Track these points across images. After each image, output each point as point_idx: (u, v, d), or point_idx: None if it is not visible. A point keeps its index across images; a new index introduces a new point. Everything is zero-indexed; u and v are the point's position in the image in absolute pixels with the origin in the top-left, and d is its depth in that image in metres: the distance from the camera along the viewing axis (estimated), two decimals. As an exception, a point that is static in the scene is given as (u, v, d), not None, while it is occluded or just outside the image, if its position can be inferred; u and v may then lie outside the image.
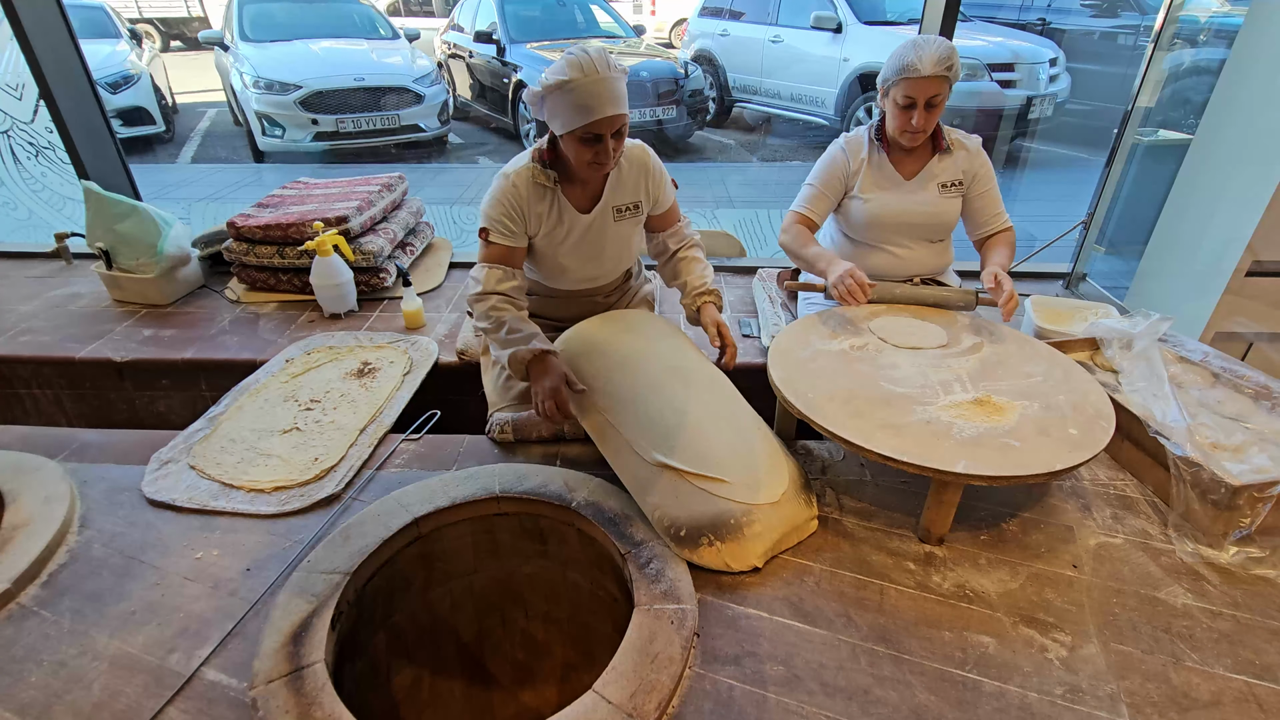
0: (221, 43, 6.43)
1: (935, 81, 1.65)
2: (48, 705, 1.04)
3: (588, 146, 1.41)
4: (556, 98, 1.36)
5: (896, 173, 1.86)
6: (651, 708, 1.01)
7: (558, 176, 1.53)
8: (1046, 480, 1.32)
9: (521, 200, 1.51)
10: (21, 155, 3.09)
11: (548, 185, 1.52)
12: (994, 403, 1.38)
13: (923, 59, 1.63)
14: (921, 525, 1.36)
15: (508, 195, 1.51)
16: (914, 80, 1.66)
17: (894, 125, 1.77)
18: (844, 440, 1.28)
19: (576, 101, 1.34)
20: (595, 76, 1.33)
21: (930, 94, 1.67)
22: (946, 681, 1.08)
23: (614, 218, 1.61)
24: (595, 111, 1.35)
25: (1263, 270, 2.01)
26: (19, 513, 1.38)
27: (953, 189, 1.85)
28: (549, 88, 1.37)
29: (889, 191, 1.86)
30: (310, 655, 1.09)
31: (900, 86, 1.69)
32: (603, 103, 1.35)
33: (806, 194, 1.91)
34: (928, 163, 1.85)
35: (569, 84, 1.33)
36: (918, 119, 1.70)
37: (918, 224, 1.88)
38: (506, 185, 1.51)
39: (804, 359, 1.55)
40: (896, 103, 1.72)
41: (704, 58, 7.54)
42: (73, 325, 2.26)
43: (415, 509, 1.39)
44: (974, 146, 1.86)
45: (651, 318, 1.72)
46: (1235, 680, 1.08)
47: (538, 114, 1.44)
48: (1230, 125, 2.09)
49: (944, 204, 1.86)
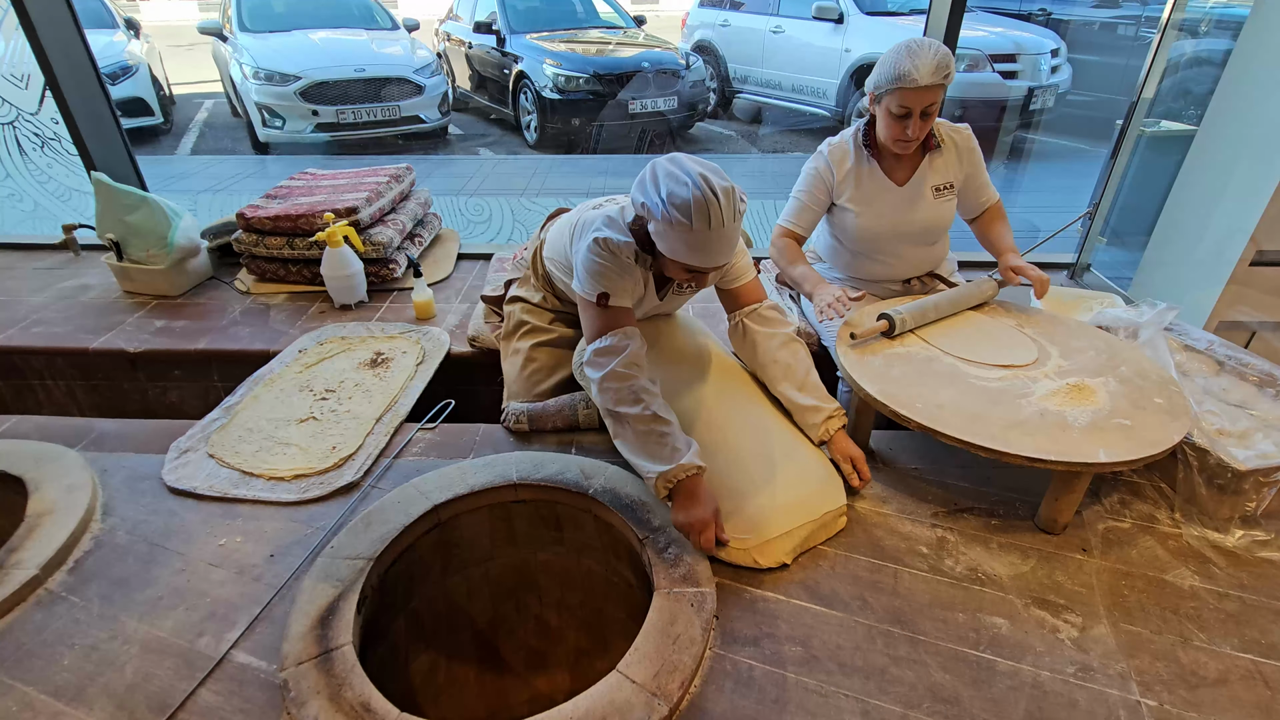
0: (219, 33, 6.39)
1: (932, 90, 1.57)
2: (82, 687, 1.06)
3: (687, 273, 1.33)
4: (671, 230, 1.23)
5: (888, 179, 1.79)
6: (674, 687, 1.03)
7: (652, 260, 1.41)
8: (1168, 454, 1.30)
9: (625, 271, 1.38)
10: (27, 146, 3.08)
11: (644, 268, 1.43)
12: (1087, 386, 1.41)
13: (919, 67, 1.54)
14: (1044, 517, 1.36)
15: (616, 260, 1.37)
16: (910, 90, 1.57)
17: (886, 134, 1.69)
18: (981, 448, 1.26)
19: (693, 246, 1.23)
20: (720, 231, 1.21)
21: (927, 103, 1.59)
22: (961, 661, 1.10)
23: (675, 290, 1.58)
24: (709, 261, 1.27)
25: (1266, 260, 2.03)
26: (42, 501, 1.40)
27: (946, 192, 1.80)
28: (668, 221, 1.22)
29: (880, 202, 1.80)
30: (338, 638, 1.11)
31: (895, 96, 1.60)
32: (719, 254, 1.26)
33: (792, 207, 1.87)
34: (919, 165, 1.79)
35: (691, 232, 1.21)
36: (913, 128, 1.63)
37: (913, 232, 1.84)
38: (615, 252, 1.36)
39: (881, 368, 1.51)
40: (890, 112, 1.63)
41: (704, 48, 7.52)
42: (84, 316, 2.27)
43: (435, 496, 1.41)
44: (963, 139, 1.80)
45: (679, 320, 1.73)
46: (1242, 659, 1.11)
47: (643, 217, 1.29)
48: (1235, 116, 2.11)
49: (938, 208, 1.81)
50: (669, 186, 1.21)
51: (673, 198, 1.20)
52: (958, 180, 1.81)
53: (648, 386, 1.33)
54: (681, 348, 1.64)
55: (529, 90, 6.19)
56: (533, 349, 1.75)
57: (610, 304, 1.37)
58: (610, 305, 1.37)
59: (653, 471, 1.27)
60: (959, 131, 1.81)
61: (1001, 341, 1.60)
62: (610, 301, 1.37)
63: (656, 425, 1.29)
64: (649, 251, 1.37)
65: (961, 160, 1.81)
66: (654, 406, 1.31)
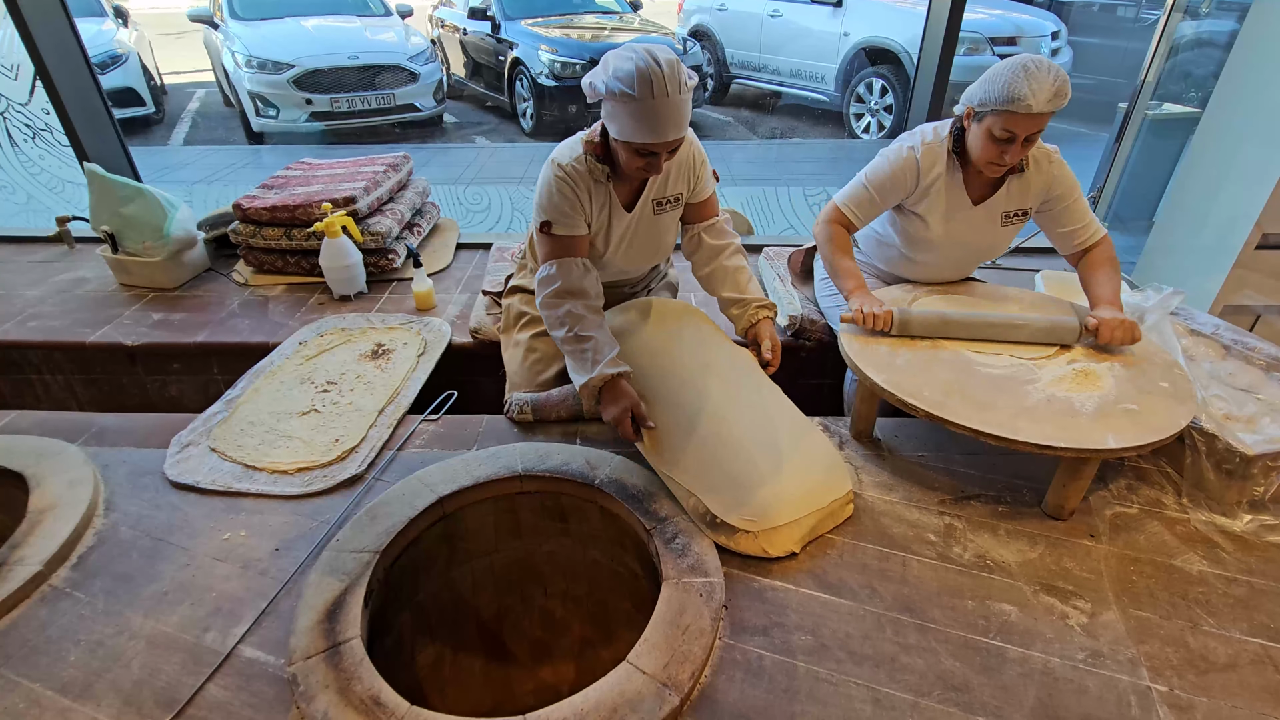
0: (210, 21, 6.31)
1: (1045, 117, 1.43)
2: (89, 684, 1.06)
3: (640, 158, 1.35)
4: (618, 106, 1.28)
5: (966, 195, 1.66)
6: (685, 677, 1.03)
7: (610, 171, 1.46)
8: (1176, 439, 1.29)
9: (579, 192, 1.45)
10: (18, 137, 3.05)
11: (601, 180, 1.46)
12: (1093, 371, 1.40)
13: (1038, 93, 1.39)
14: (1051, 503, 1.36)
15: (564, 185, 1.43)
16: (1022, 116, 1.43)
17: (981, 154, 1.54)
18: (990, 436, 1.25)
19: (640, 118, 1.27)
20: (664, 100, 1.25)
21: (1035, 129, 1.45)
22: (971, 648, 1.10)
23: (654, 210, 1.56)
24: (657, 134, 1.29)
25: (1272, 243, 2.02)
26: (44, 496, 1.39)
27: (1015, 219, 1.68)
28: (612, 95, 1.28)
29: (953, 218, 1.68)
30: (346, 632, 1.10)
31: (1002, 118, 1.45)
32: (665, 127, 1.28)
33: (858, 196, 1.71)
34: (999, 187, 1.66)
35: (635, 100, 1.25)
36: (1013, 154, 1.49)
37: (971, 252, 1.77)
38: (562, 175, 1.43)
39: (886, 357, 1.49)
40: (992, 134, 1.48)
41: (701, 33, 7.45)
42: (81, 310, 2.25)
43: (439, 488, 1.40)
44: (1050, 165, 1.64)
45: (681, 308, 1.72)
46: (1251, 643, 1.11)
47: (591, 99, 1.36)
48: (1241, 99, 2.09)
49: (1000, 235, 1.72)
50: (615, 64, 1.28)
51: (618, 71, 1.26)
52: (1034, 207, 1.68)
53: (573, 309, 1.44)
54: (682, 339, 1.63)
55: (525, 77, 6.13)
56: (533, 339, 1.74)
57: (554, 232, 1.45)
58: (554, 234, 1.46)
59: (578, 382, 1.42)
60: (1046, 154, 1.65)
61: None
62: (554, 230, 1.45)
63: (579, 344, 1.43)
64: (607, 162, 1.44)
65: (1045, 186, 1.66)
66: (578, 327, 1.43)
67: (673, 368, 1.53)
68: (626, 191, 1.53)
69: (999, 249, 1.78)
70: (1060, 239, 1.69)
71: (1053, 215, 1.67)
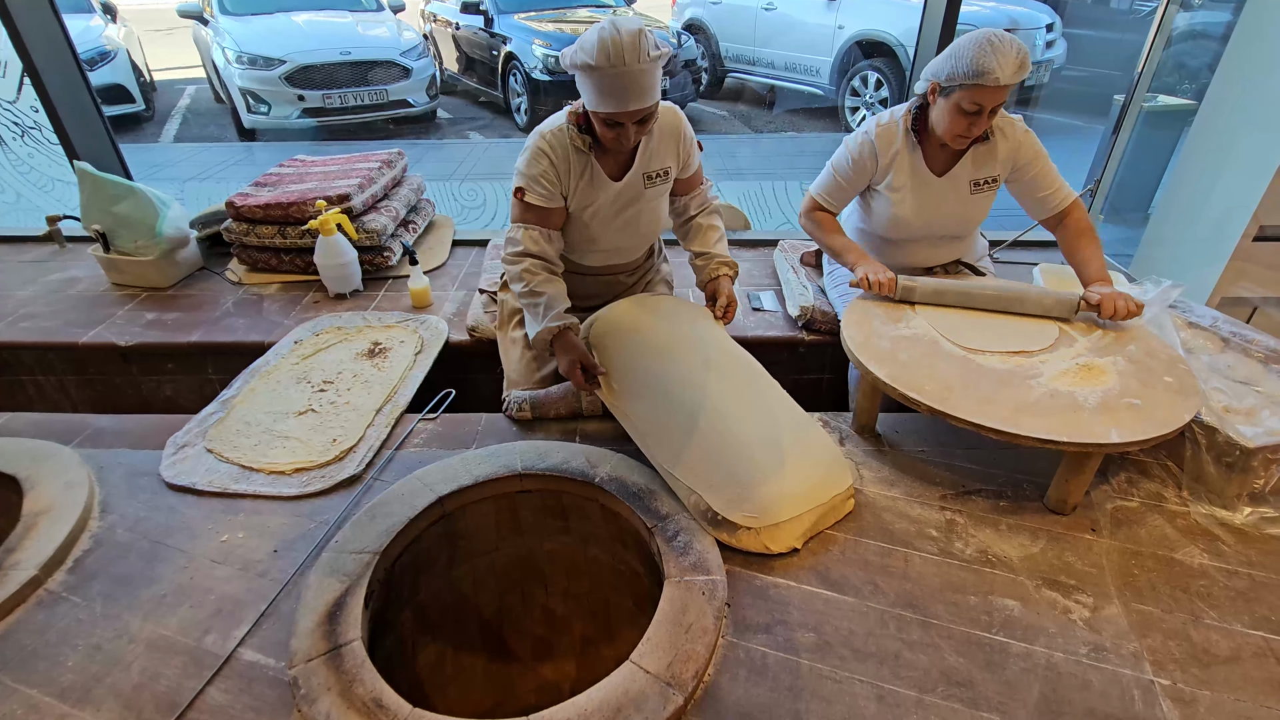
0: (200, 16, 6.25)
1: (1009, 87, 1.49)
2: (88, 688, 1.05)
3: (610, 128, 1.39)
4: (584, 76, 1.33)
5: (927, 169, 1.72)
6: (688, 676, 1.03)
7: (592, 141, 1.49)
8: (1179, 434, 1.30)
9: (558, 161, 1.49)
10: (7, 135, 3.01)
11: (583, 149, 1.49)
12: (1097, 365, 1.40)
13: (1003, 65, 1.45)
14: (1054, 498, 1.36)
15: (544, 155, 1.48)
16: (990, 89, 1.48)
17: (947, 128, 1.60)
18: (992, 430, 1.25)
19: (603, 88, 1.31)
20: (622, 69, 1.28)
21: (1000, 100, 1.51)
22: (974, 644, 1.10)
23: (645, 184, 1.58)
24: (619, 104, 1.32)
25: (1269, 235, 2.03)
26: (39, 499, 1.37)
27: (985, 186, 1.72)
28: (575, 67, 1.32)
29: (918, 192, 1.74)
30: (347, 633, 1.10)
31: (970, 92, 1.50)
32: (628, 96, 1.31)
33: (828, 183, 1.81)
34: (960, 156, 1.71)
35: (595, 69, 1.29)
36: (979, 125, 1.55)
37: (945, 225, 1.79)
38: (543, 145, 1.48)
39: (889, 351, 1.49)
40: (960, 107, 1.54)
41: (696, 27, 7.42)
42: (73, 310, 2.23)
43: (439, 488, 1.39)
44: (1017, 132, 1.69)
45: (681, 304, 1.72)
46: (1253, 636, 1.12)
47: (570, 72, 1.40)
48: (1238, 91, 2.09)
49: (972, 204, 1.75)
50: (583, 36, 1.32)
51: (583, 42, 1.31)
52: (1002, 174, 1.73)
53: (530, 267, 1.52)
54: (683, 336, 1.62)
55: (518, 72, 6.09)
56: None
57: (526, 199, 1.51)
58: (526, 200, 1.51)
59: (531, 334, 1.53)
60: (1010, 123, 1.70)
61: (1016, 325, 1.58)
62: (526, 196, 1.50)
63: (533, 299, 1.52)
64: (589, 132, 1.48)
65: (1011, 153, 1.70)
66: (534, 283, 1.52)
67: (674, 364, 1.52)
68: (614, 164, 1.55)
69: (976, 218, 1.82)
70: (1033, 204, 1.75)
71: (1024, 182, 1.73)
